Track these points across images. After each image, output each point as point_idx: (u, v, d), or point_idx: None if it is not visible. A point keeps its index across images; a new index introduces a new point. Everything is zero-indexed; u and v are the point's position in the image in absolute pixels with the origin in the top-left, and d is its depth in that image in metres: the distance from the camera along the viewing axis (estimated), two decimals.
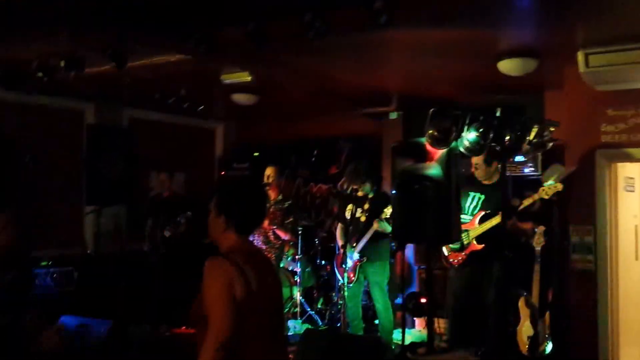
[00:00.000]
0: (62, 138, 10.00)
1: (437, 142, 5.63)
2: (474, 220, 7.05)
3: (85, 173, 9.68)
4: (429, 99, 8.34)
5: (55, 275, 8.64)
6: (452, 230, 5.93)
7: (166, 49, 6.82)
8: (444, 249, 7.29)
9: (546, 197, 6.56)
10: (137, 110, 10.85)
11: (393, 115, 9.97)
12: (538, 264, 7.01)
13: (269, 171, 8.67)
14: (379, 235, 7.87)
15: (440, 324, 8.13)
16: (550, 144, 5.98)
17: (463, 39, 6.29)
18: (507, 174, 7.17)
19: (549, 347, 6.90)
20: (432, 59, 7.10)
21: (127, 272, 8.95)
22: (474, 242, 7.01)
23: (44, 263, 8.59)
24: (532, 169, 7.75)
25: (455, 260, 7.21)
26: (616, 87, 6.99)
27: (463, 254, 7.14)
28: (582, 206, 7.23)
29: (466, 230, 7.01)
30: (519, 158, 7.78)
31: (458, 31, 6.05)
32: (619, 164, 7.38)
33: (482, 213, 7.01)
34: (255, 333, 3.51)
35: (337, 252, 8.41)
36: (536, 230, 7.04)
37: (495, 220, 6.79)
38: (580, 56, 6.43)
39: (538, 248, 7.03)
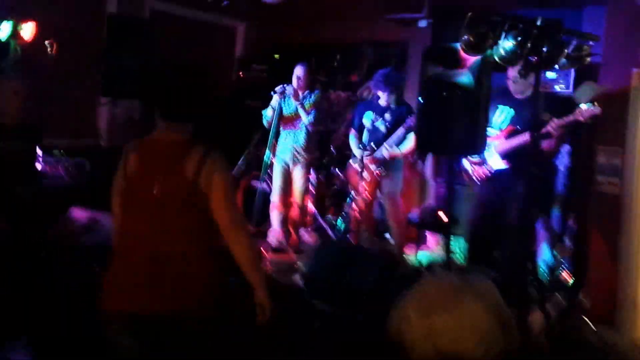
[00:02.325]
0: (82, 27, 9.62)
1: (472, 48, 5.24)
2: (501, 134, 6.61)
3: (103, 63, 9.47)
4: (462, 7, 7.91)
5: (66, 165, 8.32)
6: (478, 141, 5.57)
7: None
8: (466, 163, 6.89)
9: (581, 119, 6.15)
10: (159, 1, 10.47)
11: (422, 23, 9.55)
12: (562, 185, 6.72)
13: (298, 71, 8.21)
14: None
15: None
16: (588, 59, 5.57)
17: None
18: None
19: (565, 272, 6.64)
20: None
21: None
22: (499, 158, 6.61)
23: (55, 152, 8.26)
24: (563, 86, 7.34)
25: (478, 176, 6.83)
26: None
27: (487, 169, 6.76)
28: (612, 127, 6.79)
29: (491, 144, 6.60)
30: (551, 75, 7.38)
31: None
32: None
33: (512, 129, 6.58)
34: (126, 215, 3.54)
35: (350, 162, 8.10)
36: (561, 149, 6.72)
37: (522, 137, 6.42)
38: None
39: (562, 168, 6.73)
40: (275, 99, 8.17)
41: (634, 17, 6.67)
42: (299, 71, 8.20)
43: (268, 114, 8.31)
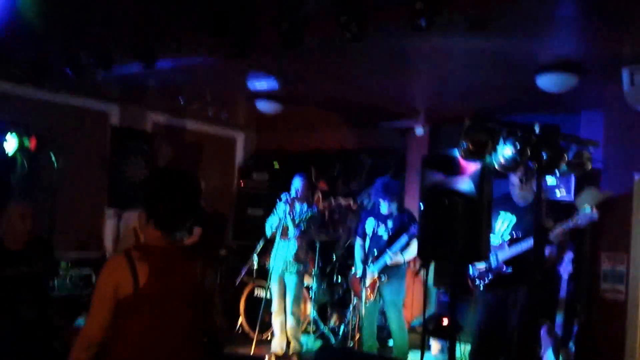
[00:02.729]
0: (87, 139, 9.79)
1: (471, 155, 5.23)
2: (503, 244, 6.60)
3: (108, 174, 9.56)
4: (458, 114, 8.00)
5: (73, 277, 8.43)
6: (482, 248, 5.52)
7: (198, 50, 6.50)
8: (471, 269, 6.86)
9: (580, 225, 6.15)
10: (160, 114, 10.64)
11: (419, 131, 9.66)
12: (564, 291, 6.64)
13: (297, 183, 8.26)
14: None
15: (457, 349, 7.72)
16: (589, 165, 5.57)
17: (500, 50, 5.94)
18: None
19: None
20: (464, 71, 6.77)
21: None
22: (503, 264, 6.58)
23: (62, 264, 8.29)
24: (564, 192, 7.34)
25: (482, 282, 6.79)
26: None
27: (491, 276, 6.72)
28: (615, 233, 6.75)
29: (495, 252, 6.59)
30: (551, 181, 7.40)
31: (496, 41, 5.70)
32: None
33: (513, 237, 6.57)
34: (141, 328, 3.43)
35: (354, 270, 8.06)
36: (564, 256, 6.67)
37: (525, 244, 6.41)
38: (625, 74, 5.98)
39: (565, 275, 6.66)
40: (281, 208, 8.13)
41: (631, 122, 6.71)
42: (297, 183, 8.26)
43: (274, 223, 8.24)
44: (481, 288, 6.76)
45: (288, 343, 8.37)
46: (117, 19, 5.80)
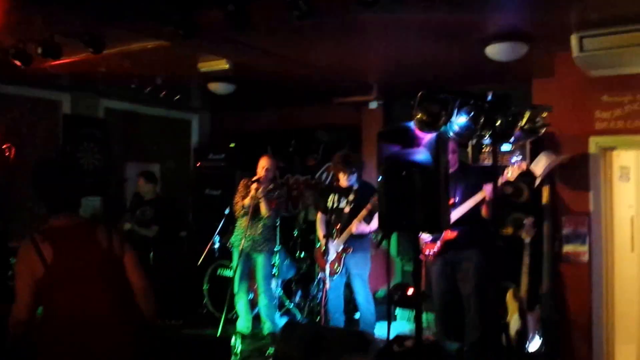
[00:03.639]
0: (39, 129, 9.66)
1: (425, 126, 5.25)
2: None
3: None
4: (411, 87, 8.00)
5: None
6: (442, 218, 5.56)
7: (144, 34, 6.39)
8: (423, 240, 6.95)
9: (511, 179, 6.28)
10: (113, 101, 10.53)
11: (373, 105, 9.67)
12: (527, 255, 6.73)
13: (265, 162, 8.16)
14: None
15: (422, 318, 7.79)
16: (543, 130, 5.63)
17: (448, 21, 5.90)
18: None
19: (538, 342, 6.60)
20: (415, 44, 6.73)
21: None
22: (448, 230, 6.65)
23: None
24: (520, 157, 7.39)
25: (430, 252, 6.90)
26: (612, 72, 6.56)
27: (437, 243, 6.83)
28: (574, 196, 6.89)
29: None
30: (506, 148, 7.46)
31: (443, 13, 5.67)
32: (614, 153, 6.96)
33: (451, 201, 6.63)
34: (59, 300, 3.67)
35: (317, 244, 8.08)
36: (525, 221, 6.76)
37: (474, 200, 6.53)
38: (574, 39, 5.99)
39: (527, 240, 6.75)
40: (254, 188, 8.01)
41: (583, 86, 6.77)
42: (265, 163, 8.16)
43: (245, 202, 8.14)
44: (431, 258, 6.88)
45: (254, 322, 8.37)
46: (63, 7, 5.68)
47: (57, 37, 6.35)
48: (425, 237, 6.86)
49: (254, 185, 7.97)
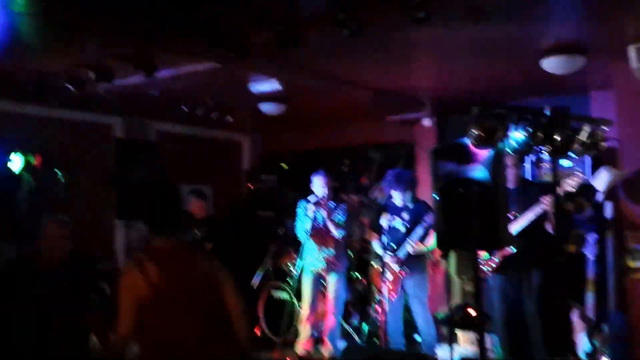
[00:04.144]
0: (91, 153, 9.89)
1: (482, 142, 5.26)
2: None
3: (115, 187, 9.60)
4: (465, 103, 7.99)
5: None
6: (501, 235, 5.54)
7: (195, 56, 6.55)
8: (481, 258, 6.88)
9: (572, 189, 6.19)
10: (164, 123, 10.74)
11: (426, 122, 9.68)
12: (593, 273, 6.64)
13: (320, 181, 8.15)
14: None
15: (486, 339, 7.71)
16: (604, 144, 5.58)
17: (503, 36, 5.95)
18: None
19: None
20: (469, 59, 6.79)
21: None
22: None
23: None
24: (581, 173, 7.31)
25: (488, 269, 6.83)
26: None
27: (495, 260, 6.78)
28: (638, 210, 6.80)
29: None
30: (567, 163, 7.40)
31: (497, 27, 5.72)
32: None
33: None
34: (165, 320, 3.79)
35: (373, 265, 8.06)
36: (589, 238, 6.68)
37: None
38: (632, 51, 5.98)
39: (592, 257, 6.67)
40: (310, 210, 8.07)
41: None
42: (321, 181, 8.15)
43: (306, 225, 8.13)
44: (490, 275, 6.80)
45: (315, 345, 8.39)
46: (114, 31, 5.82)
47: (109, 61, 6.50)
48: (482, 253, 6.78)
49: (312, 207, 8.01)
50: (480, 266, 6.84)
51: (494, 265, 6.77)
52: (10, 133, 8.65)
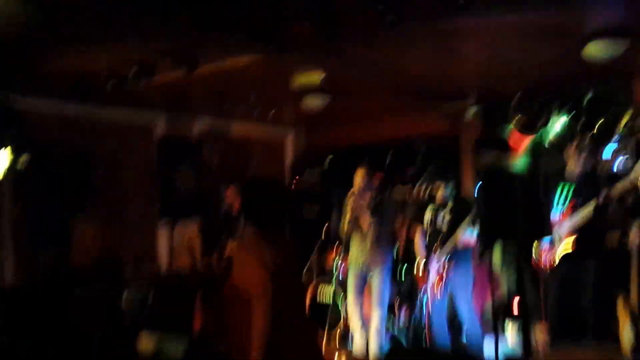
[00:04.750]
0: (133, 151, 10.03)
1: (524, 129, 5.36)
2: (566, 211, 6.66)
3: (158, 187, 9.72)
4: (508, 92, 8.03)
5: (129, 294, 8.51)
6: (544, 225, 5.62)
7: (236, 50, 6.67)
8: (535, 250, 6.88)
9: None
10: (207, 120, 10.81)
11: (471, 112, 9.68)
12: (637, 262, 6.63)
13: (361, 173, 8.10)
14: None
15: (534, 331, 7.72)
16: None
17: (545, 21, 5.99)
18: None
19: None
20: (511, 47, 6.79)
21: (203, 289, 8.86)
22: (569, 236, 6.59)
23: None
24: (626, 160, 7.27)
25: (548, 262, 6.82)
26: None
27: (555, 256, 6.72)
28: None
29: (561, 225, 6.60)
30: (610, 149, 7.40)
31: (539, 13, 5.76)
32: None
33: (573, 203, 6.58)
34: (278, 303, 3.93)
35: (417, 262, 8.11)
36: (632, 227, 6.67)
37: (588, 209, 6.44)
38: None
39: (634, 246, 6.65)
40: (349, 202, 8.07)
41: None
42: (360, 173, 8.10)
43: (345, 220, 8.16)
44: (547, 268, 6.80)
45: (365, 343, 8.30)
46: (155, 26, 5.97)
47: (151, 57, 6.65)
48: (544, 246, 6.80)
49: (350, 199, 8.04)
50: (539, 258, 6.85)
51: (552, 258, 6.75)
52: (49, 133, 8.86)
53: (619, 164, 6.59)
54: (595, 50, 6.45)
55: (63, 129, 9.09)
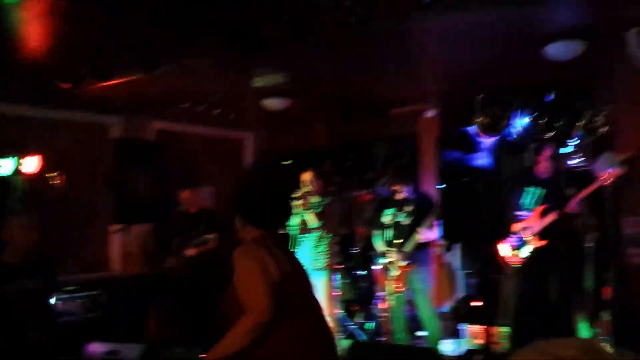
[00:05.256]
0: (87, 154, 9.93)
1: (488, 130, 5.47)
2: (535, 214, 6.78)
3: (113, 190, 9.64)
4: (468, 93, 8.12)
5: (80, 300, 8.46)
6: (507, 224, 5.73)
7: (205, 52, 6.67)
8: (503, 251, 7.06)
9: (607, 183, 6.29)
10: (164, 122, 10.75)
11: (430, 113, 9.78)
12: (591, 260, 6.76)
13: (307, 176, 8.19)
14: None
15: (493, 332, 7.86)
16: (604, 129, 5.76)
17: (506, 21, 6.09)
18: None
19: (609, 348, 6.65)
20: (472, 48, 6.89)
21: (157, 293, 8.86)
22: (537, 238, 6.77)
23: (69, 288, 8.39)
24: (582, 159, 7.45)
25: (515, 262, 6.92)
26: None
27: (526, 252, 6.89)
28: (635, 196, 6.96)
29: (528, 227, 6.77)
30: (567, 149, 7.58)
31: (500, 13, 5.86)
32: None
33: (544, 207, 6.74)
34: (291, 312, 3.70)
35: (376, 261, 8.20)
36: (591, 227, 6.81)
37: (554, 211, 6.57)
38: (632, 34, 6.15)
39: (591, 244, 6.79)
40: (296, 205, 8.04)
41: None
42: (306, 176, 8.19)
43: (295, 222, 8.19)
44: (518, 268, 6.90)
45: None
46: (115, 27, 5.94)
47: (108, 57, 6.59)
48: (512, 243, 6.92)
49: (297, 203, 7.99)
50: (507, 261, 7.04)
51: (523, 259, 6.92)
52: (3, 135, 8.76)
53: (579, 164, 6.76)
54: (555, 51, 6.57)
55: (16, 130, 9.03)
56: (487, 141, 5.61)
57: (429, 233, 7.61)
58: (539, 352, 1.92)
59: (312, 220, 8.07)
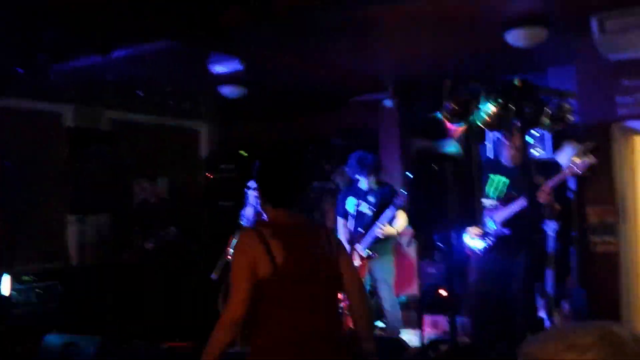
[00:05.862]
0: (41, 143, 9.68)
1: (455, 117, 5.45)
2: (500, 203, 6.73)
3: (67, 180, 9.49)
4: (428, 82, 8.10)
5: (37, 290, 8.31)
6: (476, 212, 5.70)
7: (160, 35, 6.54)
8: (467, 237, 7.01)
9: (579, 172, 6.28)
10: (118, 112, 10.50)
11: (388, 103, 9.77)
12: (552, 249, 6.79)
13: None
14: None
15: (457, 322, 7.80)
16: (571, 117, 5.79)
17: (464, 8, 6.06)
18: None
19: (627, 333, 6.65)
20: (430, 36, 6.94)
21: (115, 285, 8.74)
22: (501, 226, 6.77)
23: (25, 278, 8.25)
24: (542, 150, 7.48)
25: (480, 248, 6.93)
26: (633, 56, 6.57)
27: (489, 239, 6.87)
28: (599, 185, 6.98)
29: (491, 216, 6.76)
30: (528, 139, 7.60)
31: (457, 0, 5.86)
32: (637, 138, 7.06)
33: (509, 196, 6.75)
34: (285, 304, 3.57)
35: None
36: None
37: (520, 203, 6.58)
38: (594, 21, 6.15)
39: (551, 233, 6.81)
40: (252, 196, 8.15)
41: (604, 72, 6.87)
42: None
43: (248, 213, 8.20)
44: (479, 254, 6.91)
45: None
46: (70, 9, 5.80)
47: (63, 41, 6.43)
48: (476, 231, 6.86)
49: (252, 193, 7.88)
50: (471, 246, 7.00)
51: (486, 245, 6.90)
52: None
53: (543, 154, 6.77)
54: (515, 38, 6.49)
55: None
56: (455, 129, 5.57)
57: (389, 227, 7.62)
58: (555, 339, 1.89)
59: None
